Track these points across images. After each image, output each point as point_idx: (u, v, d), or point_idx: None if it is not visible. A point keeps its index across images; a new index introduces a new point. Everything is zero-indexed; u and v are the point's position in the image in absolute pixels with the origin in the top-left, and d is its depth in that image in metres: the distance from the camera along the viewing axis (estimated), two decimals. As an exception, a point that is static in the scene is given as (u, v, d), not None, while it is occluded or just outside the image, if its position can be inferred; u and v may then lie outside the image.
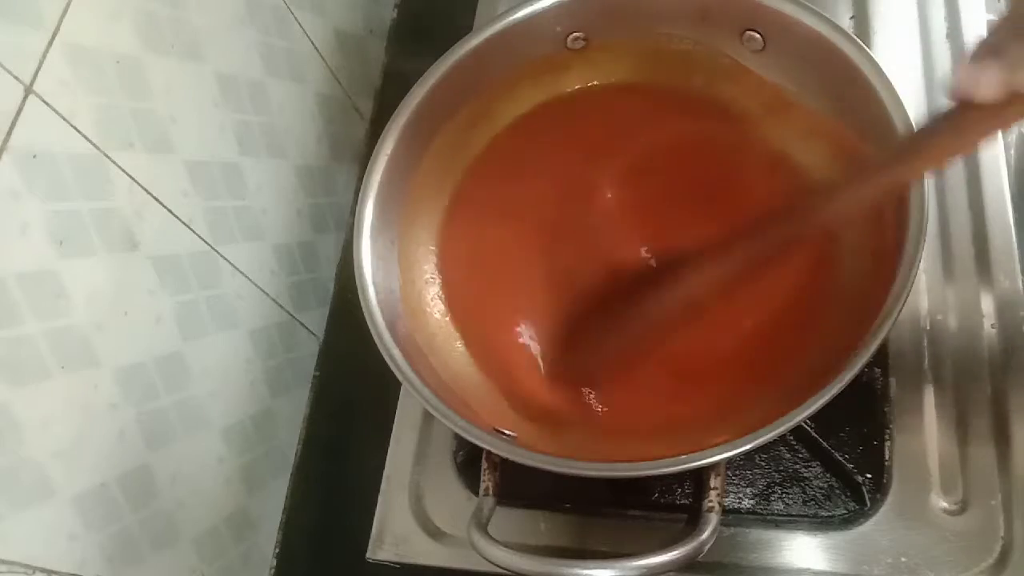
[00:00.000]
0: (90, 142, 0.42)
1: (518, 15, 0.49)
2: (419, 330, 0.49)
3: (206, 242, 0.52)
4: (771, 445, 0.49)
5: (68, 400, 0.41)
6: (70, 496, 0.42)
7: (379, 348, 0.44)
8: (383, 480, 0.53)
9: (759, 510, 0.48)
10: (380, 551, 0.51)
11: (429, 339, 0.50)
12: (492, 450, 0.42)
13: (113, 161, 0.44)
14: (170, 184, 0.49)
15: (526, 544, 0.49)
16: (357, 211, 0.48)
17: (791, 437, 0.50)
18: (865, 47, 0.44)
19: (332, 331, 0.67)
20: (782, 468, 0.49)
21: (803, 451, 0.49)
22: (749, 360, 0.48)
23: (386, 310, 0.46)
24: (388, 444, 0.54)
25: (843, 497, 0.48)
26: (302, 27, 0.63)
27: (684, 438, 0.40)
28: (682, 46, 0.51)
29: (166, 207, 0.48)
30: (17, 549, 0.38)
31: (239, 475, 0.56)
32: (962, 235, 0.51)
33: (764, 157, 0.51)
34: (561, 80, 0.54)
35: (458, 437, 0.51)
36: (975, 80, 0.33)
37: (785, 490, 0.49)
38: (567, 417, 0.49)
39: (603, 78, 0.54)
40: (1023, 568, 0.43)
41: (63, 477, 0.41)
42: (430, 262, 0.53)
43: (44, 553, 0.40)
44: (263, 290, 0.59)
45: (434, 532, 0.51)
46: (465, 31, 0.50)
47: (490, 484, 0.44)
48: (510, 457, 0.41)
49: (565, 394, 0.50)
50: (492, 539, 0.39)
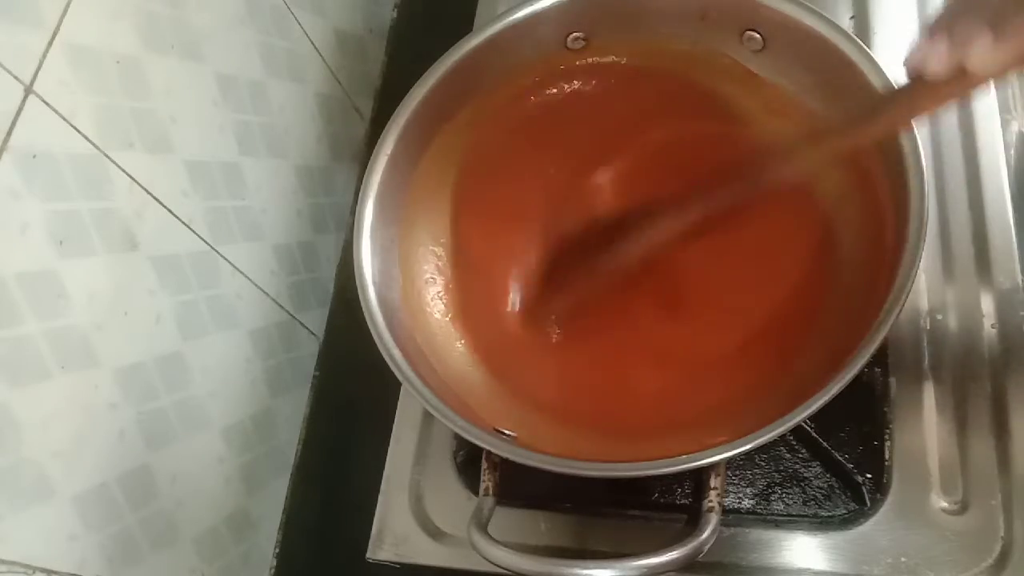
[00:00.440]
0: (90, 142, 0.42)
1: (518, 15, 0.49)
2: (419, 330, 0.49)
3: (206, 242, 0.52)
4: (771, 445, 0.49)
5: (68, 400, 0.41)
6: (70, 496, 0.42)
7: (379, 348, 0.44)
8: (383, 480, 0.53)
9: (759, 510, 0.48)
10: (380, 551, 0.51)
11: (429, 339, 0.50)
12: (492, 450, 0.42)
13: (113, 161, 0.44)
14: (170, 184, 0.49)
15: (526, 544, 0.49)
16: (357, 211, 0.48)
17: (791, 437, 0.50)
18: (865, 47, 0.44)
19: (332, 331, 0.67)
20: (782, 468, 0.49)
21: (803, 451, 0.49)
22: (749, 360, 0.48)
23: (386, 310, 0.46)
24: (388, 444, 0.54)
25: (843, 497, 0.48)
26: (302, 27, 0.63)
27: (684, 438, 0.40)
28: (682, 46, 0.51)
29: (166, 207, 0.48)
30: (17, 549, 0.38)
31: (239, 475, 0.56)
32: (962, 235, 0.51)
33: (763, 157, 0.51)
34: (561, 81, 0.54)
35: (458, 437, 0.51)
36: (926, 56, 0.35)
37: (785, 490, 0.49)
38: (569, 413, 0.49)
39: (603, 78, 0.54)
40: (1023, 568, 0.43)
41: (63, 477, 0.41)
42: (430, 262, 0.53)
43: (44, 553, 0.40)
44: (263, 290, 0.59)
45: (434, 532, 0.51)
46: (465, 31, 0.50)
47: (490, 484, 0.44)
48: (510, 457, 0.41)
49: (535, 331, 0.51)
50: (492, 539, 0.39)
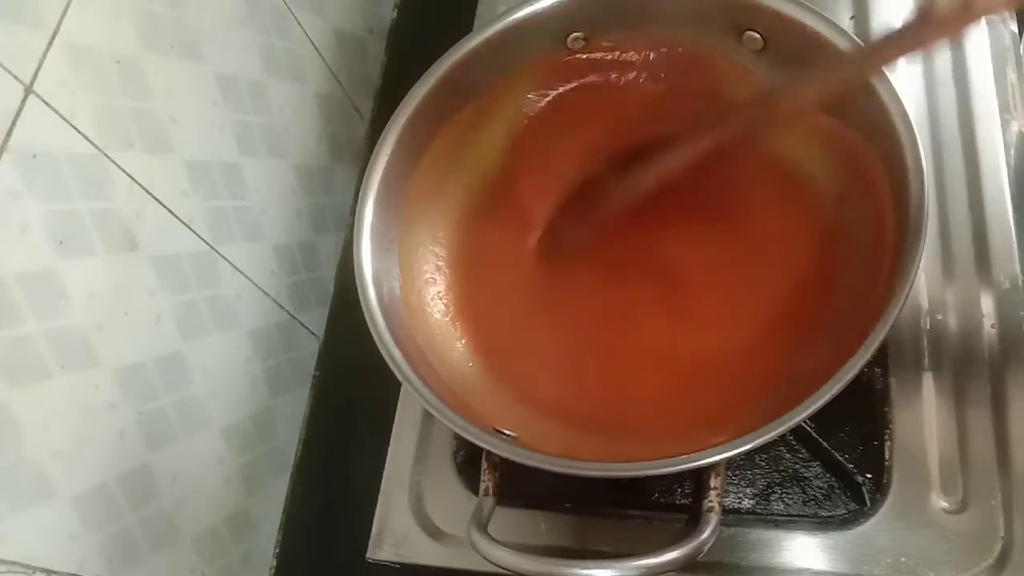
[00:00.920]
0: (90, 142, 0.42)
1: (518, 15, 0.49)
2: (419, 330, 0.49)
3: (206, 242, 0.52)
4: (771, 445, 0.49)
5: (68, 400, 0.41)
6: (70, 496, 0.42)
7: (379, 348, 0.44)
8: (383, 480, 0.53)
9: (759, 510, 0.48)
10: (380, 551, 0.51)
11: (429, 339, 0.50)
12: (492, 450, 0.42)
13: (113, 161, 0.44)
14: (170, 184, 0.49)
15: (526, 544, 0.49)
16: (357, 211, 0.48)
17: (791, 437, 0.50)
18: (860, 42, 0.44)
19: (332, 331, 0.67)
20: (782, 468, 0.49)
21: (803, 451, 0.49)
22: (749, 361, 0.48)
23: (386, 310, 0.46)
24: (388, 444, 0.54)
25: (843, 497, 0.48)
26: (302, 27, 0.63)
27: (684, 438, 0.40)
28: (682, 46, 0.51)
29: (166, 207, 0.48)
30: (17, 549, 0.38)
31: (239, 475, 0.56)
32: (962, 235, 0.51)
33: (764, 156, 0.51)
34: (561, 80, 0.54)
35: (458, 437, 0.51)
36: None
37: (785, 490, 0.49)
38: (570, 413, 0.49)
39: (603, 78, 0.54)
40: (1023, 568, 0.43)
41: (63, 477, 0.41)
42: (430, 262, 0.53)
43: (44, 553, 0.40)
44: (263, 290, 0.59)
45: (434, 532, 0.51)
46: (465, 31, 0.50)
47: (490, 484, 0.44)
48: (510, 457, 0.41)
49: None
50: (492, 539, 0.39)
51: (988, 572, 0.44)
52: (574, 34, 0.51)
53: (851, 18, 0.59)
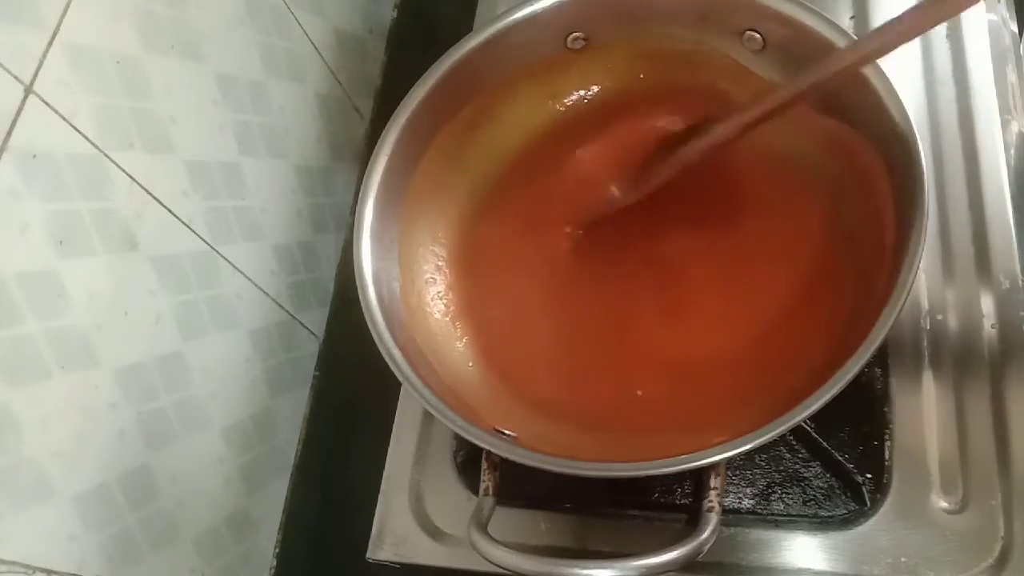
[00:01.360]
0: (90, 142, 0.42)
1: (518, 15, 0.49)
2: (419, 330, 0.49)
3: (206, 242, 0.52)
4: (771, 445, 0.49)
5: (68, 400, 0.41)
6: (70, 496, 0.42)
7: (379, 348, 0.44)
8: (383, 480, 0.53)
9: (759, 510, 0.48)
10: (380, 551, 0.51)
11: (429, 339, 0.50)
12: (492, 450, 0.42)
13: (113, 161, 0.44)
14: (170, 184, 0.49)
15: (526, 544, 0.49)
16: (357, 211, 0.48)
17: (791, 437, 0.50)
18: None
19: (332, 331, 0.67)
20: (782, 468, 0.49)
21: (803, 451, 0.49)
22: (749, 360, 0.48)
23: (386, 310, 0.46)
24: (388, 444, 0.54)
25: (843, 497, 0.48)
26: (302, 27, 0.63)
27: (684, 438, 0.40)
28: (682, 46, 0.51)
29: (166, 207, 0.48)
30: (17, 549, 0.38)
31: (239, 475, 0.56)
32: (962, 235, 0.51)
33: (763, 156, 0.51)
34: (561, 81, 0.54)
35: (458, 437, 0.51)
36: None
37: (785, 490, 0.49)
38: (570, 413, 0.49)
39: (603, 79, 0.54)
40: (1023, 568, 0.43)
41: (63, 477, 0.41)
42: (430, 262, 0.53)
43: (44, 553, 0.40)
44: (263, 290, 0.59)
45: (434, 532, 0.51)
46: (465, 31, 0.50)
47: (490, 484, 0.44)
48: (510, 457, 0.41)
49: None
50: (492, 539, 0.39)
51: (988, 572, 0.44)
52: (574, 34, 0.51)
53: (851, 18, 0.59)
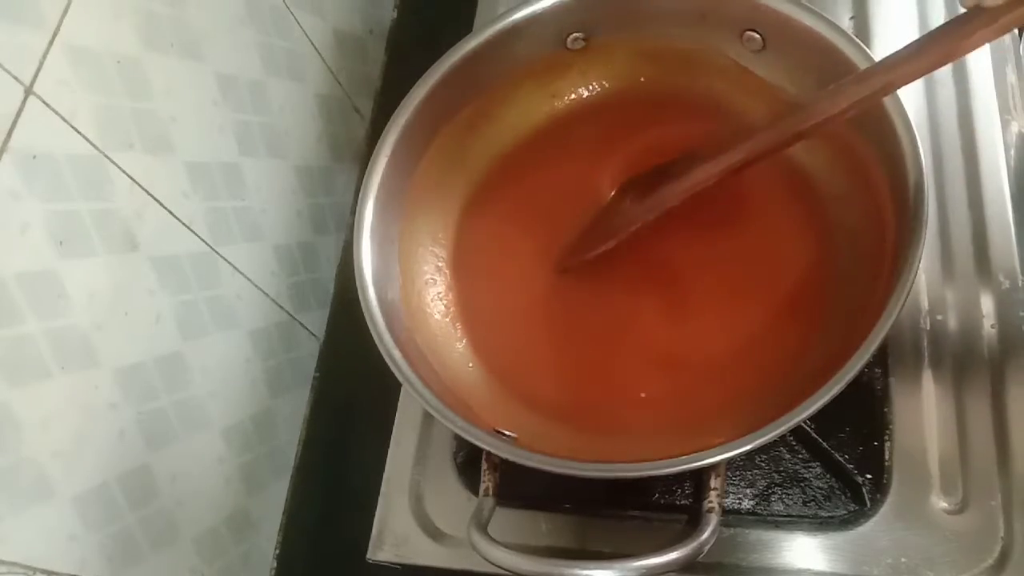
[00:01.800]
0: (90, 142, 0.42)
1: (517, 16, 0.49)
2: (419, 331, 0.49)
3: (206, 242, 0.52)
4: (771, 445, 0.49)
5: (68, 400, 0.41)
6: (70, 496, 0.42)
7: (380, 349, 0.44)
8: (383, 481, 0.53)
9: (759, 511, 0.48)
10: (380, 552, 0.51)
11: (430, 340, 0.50)
12: (492, 451, 0.42)
13: (113, 161, 0.44)
14: (170, 184, 0.49)
15: (526, 544, 0.49)
16: (357, 211, 0.48)
17: (791, 437, 0.50)
18: (865, 47, 0.44)
19: (332, 331, 0.67)
20: (782, 468, 0.49)
21: (803, 451, 0.49)
22: (750, 362, 0.48)
23: (386, 311, 0.46)
24: (388, 444, 0.54)
25: (843, 497, 0.48)
26: (302, 27, 0.63)
27: (684, 438, 0.40)
28: (682, 46, 0.51)
29: (166, 207, 0.48)
30: (17, 549, 0.38)
31: (239, 475, 0.56)
32: (962, 235, 0.51)
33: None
34: (561, 81, 0.54)
35: (458, 438, 0.51)
36: None
37: (785, 491, 0.49)
38: (570, 414, 0.49)
39: (603, 79, 0.54)
40: (1023, 568, 0.43)
41: (63, 477, 0.41)
42: (430, 263, 0.53)
43: (44, 553, 0.40)
44: (263, 290, 0.59)
45: (434, 532, 0.51)
46: (465, 31, 0.50)
47: (490, 484, 0.44)
48: (510, 458, 0.41)
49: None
50: (492, 540, 0.39)
51: (988, 572, 0.44)
52: (574, 35, 0.51)
53: (851, 18, 0.59)
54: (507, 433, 0.45)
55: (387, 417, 0.55)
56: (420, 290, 0.52)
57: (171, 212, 0.49)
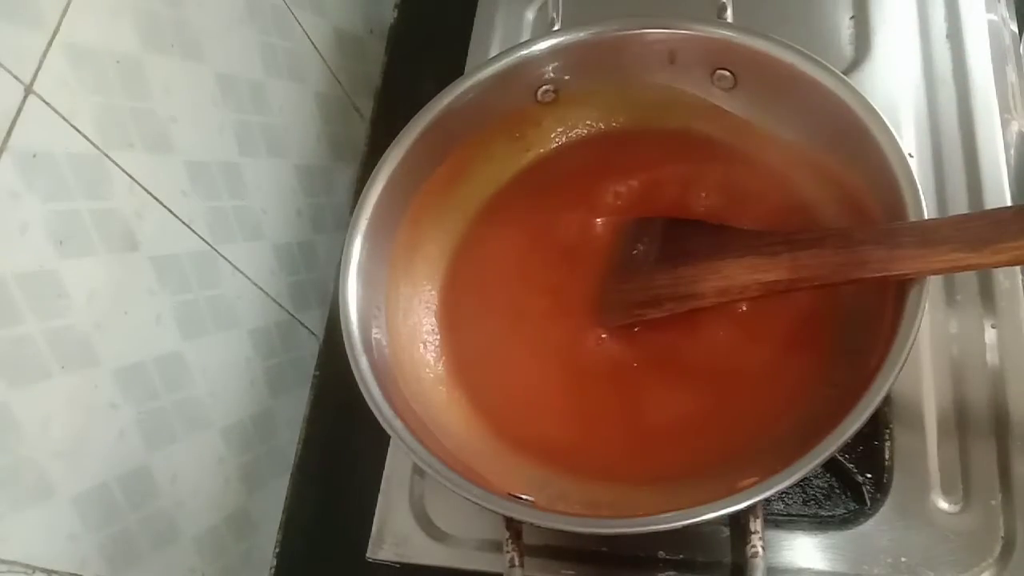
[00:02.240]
0: (90, 142, 0.42)
1: (483, 73, 0.49)
2: (416, 398, 0.47)
3: (206, 242, 0.52)
4: (771, 445, 0.48)
5: (68, 400, 0.41)
6: (70, 496, 0.42)
7: (381, 423, 0.43)
8: (383, 480, 0.53)
9: (759, 510, 0.48)
10: (380, 551, 0.51)
11: (426, 407, 0.48)
12: (515, 516, 0.39)
13: (113, 161, 0.44)
14: (170, 184, 0.49)
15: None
16: (340, 283, 0.46)
17: (791, 437, 0.49)
18: (838, 72, 0.44)
19: (332, 331, 0.66)
20: (782, 468, 0.49)
21: (803, 451, 0.49)
22: (772, 393, 0.46)
23: (380, 378, 0.45)
24: (388, 444, 0.54)
25: (843, 497, 0.48)
26: (302, 27, 0.63)
27: (712, 482, 0.39)
28: (654, 91, 0.51)
29: (166, 207, 0.48)
30: (17, 549, 0.38)
31: (239, 475, 0.56)
32: (962, 235, 0.51)
33: (777, 198, 0.50)
34: (534, 133, 0.54)
35: (458, 437, 0.51)
36: None
37: (785, 490, 0.49)
38: (584, 464, 0.46)
39: (576, 127, 0.54)
40: (1023, 568, 0.43)
41: (63, 477, 0.41)
42: (423, 323, 0.52)
43: (44, 553, 0.40)
44: (263, 290, 0.59)
45: (434, 531, 0.51)
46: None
47: (515, 554, 0.40)
48: (536, 522, 0.39)
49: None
50: None
51: (988, 572, 0.44)
52: (544, 88, 0.51)
53: (851, 18, 0.59)
54: (524, 497, 0.43)
55: (387, 417, 0.54)
56: (413, 355, 0.50)
57: (171, 211, 0.49)
